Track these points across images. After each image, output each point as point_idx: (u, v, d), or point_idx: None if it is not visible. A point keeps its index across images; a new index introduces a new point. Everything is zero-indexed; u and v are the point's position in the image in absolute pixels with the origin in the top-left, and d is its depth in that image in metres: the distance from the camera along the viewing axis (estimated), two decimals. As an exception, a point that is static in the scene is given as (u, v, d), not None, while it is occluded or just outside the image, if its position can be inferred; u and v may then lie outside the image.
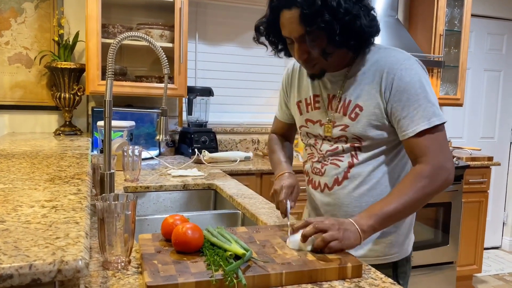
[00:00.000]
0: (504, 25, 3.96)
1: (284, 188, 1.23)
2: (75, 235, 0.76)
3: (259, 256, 0.97)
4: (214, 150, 2.73)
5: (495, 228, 4.08)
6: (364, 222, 1.05)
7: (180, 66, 2.57)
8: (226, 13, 3.09)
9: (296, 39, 1.10)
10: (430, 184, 1.09)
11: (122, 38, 1.42)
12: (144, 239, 1.07)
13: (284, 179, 1.28)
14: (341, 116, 1.20)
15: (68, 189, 1.12)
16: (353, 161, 1.21)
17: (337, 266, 0.94)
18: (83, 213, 0.90)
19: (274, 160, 1.46)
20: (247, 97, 3.20)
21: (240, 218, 1.61)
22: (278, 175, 1.34)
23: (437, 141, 1.10)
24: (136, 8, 2.76)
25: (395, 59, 1.13)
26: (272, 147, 1.52)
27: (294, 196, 1.24)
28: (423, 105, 1.10)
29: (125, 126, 2.25)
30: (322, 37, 1.08)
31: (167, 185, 1.94)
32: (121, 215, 0.94)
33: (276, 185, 1.27)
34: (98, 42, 2.41)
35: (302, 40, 1.10)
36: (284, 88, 1.42)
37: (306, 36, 1.08)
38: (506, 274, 3.52)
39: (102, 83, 2.44)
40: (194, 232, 0.99)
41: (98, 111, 2.55)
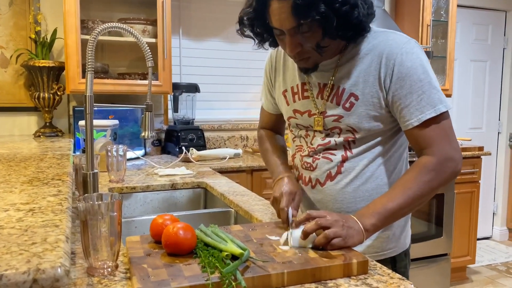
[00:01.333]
0: (489, 15, 3.95)
1: (285, 195, 1.12)
2: (53, 239, 0.68)
3: (257, 256, 0.90)
4: (202, 148, 2.65)
5: (486, 219, 4.08)
6: (367, 220, 0.98)
7: (164, 62, 2.48)
8: (210, 7, 3.00)
9: (288, 31, 1.01)
10: (436, 177, 1.02)
11: (102, 29, 1.34)
12: (132, 242, 0.99)
13: (283, 185, 1.16)
14: (334, 105, 1.11)
15: (48, 190, 1.03)
16: (347, 154, 1.13)
17: (342, 263, 0.88)
18: (63, 215, 0.82)
19: (270, 162, 1.34)
20: (234, 93, 3.13)
21: (233, 217, 1.54)
22: (276, 180, 1.22)
23: (443, 130, 1.03)
24: (116, 3, 2.66)
25: (394, 43, 1.04)
26: (264, 146, 1.40)
27: (296, 204, 1.13)
28: (427, 91, 1.02)
29: (108, 125, 2.16)
30: (316, 29, 0.99)
31: (155, 185, 1.86)
32: (105, 216, 0.86)
33: (276, 192, 1.16)
34: (77, 39, 2.31)
35: (294, 32, 1.00)
36: (268, 75, 1.31)
37: (299, 28, 0.99)
38: (498, 264, 3.51)
39: (83, 81, 2.33)
40: (186, 232, 0.91)
41: (80, 110, 2.44)
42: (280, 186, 1.16)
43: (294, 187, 1.15)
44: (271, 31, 1.08)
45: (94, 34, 1.32)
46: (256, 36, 1.12)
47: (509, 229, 4.13)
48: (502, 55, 4.07)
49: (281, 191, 1.14)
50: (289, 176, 1.20)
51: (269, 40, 1.12)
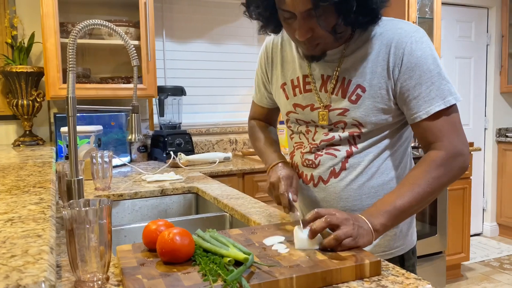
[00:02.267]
0: (472, 12, 3.97)
1: (282, 179, 1.06)
2: (36, 251, 0.60)
3: (261, 260, 0.83)
4: (190, 152, 2.57)
5: (476, 215, 4.08)
6: (376, 220, 0.92)
7: (148, 64, 2.40)
8: (194, 8, 2.93)
9: (301, 14, 0.93)
10: (446, 173, 0.97)
11: (84, 25, 1.26)
12: (124, 251, 0.90)
13: (279, 170, 1.10)
14: (339, 98, 1.04)
15: (28, 199, 0.94)
16: (352, 149, 1.06)
17: (354, 265, 0.81)
18: (46, 224, 0.73)
19: (261, 150, 1.28)
20: (221, 96, 3.05)
21: (228, 221, 1.47)
22: (271, 166, 1.16)
23: (452, 124, 0.98)
24: (96, 5, 2.56)
25: (403, 31, 0.98)
26: (255, 135, 1.33)
27: (295, 188, 1.06)
28: (436, 82, 0.96)
29: (92, 130, 2.06)
30: (331, 13, 0.91)
31: (143, 192, 1.77)
32: (94, 224, 0.78)
33: (272, 178, 1.09)
34: (56, 42, 2.22)
35: (307, 15, 0.93)
36: (264, 68, 1.23)
37: (314, 11, 0.91)
38: (491, 260, 3.50)
39: (64, 86, 2.24)
40: (183, 238, 0.83)
41: (61, 117, 2.34)
42: (275, 172, 1.10)
43: (290, 171, 1.10)
44: (276, 15, 1.00)
45: (75, 31, 1.24)
46: (260, 19, 1.03)
47: (499, 225, 4.14)
48: (486, 51, 4.10)
49: (277, 175, 1.08)
50: (284, 161, 1.15)
51: (272, 24, 1.04)
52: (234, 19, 3.05)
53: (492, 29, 4.07)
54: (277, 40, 1.18)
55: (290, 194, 1.03)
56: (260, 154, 1.29)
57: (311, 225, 0.88)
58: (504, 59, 4.07)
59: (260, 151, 1.29)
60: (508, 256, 3.58)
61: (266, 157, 1.23)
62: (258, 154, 1.31)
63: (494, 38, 4.07)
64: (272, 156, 1.20)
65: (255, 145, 1.33)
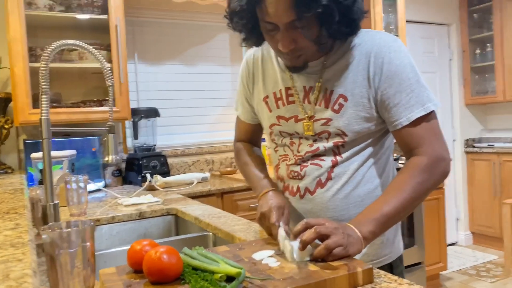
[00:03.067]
0: (434, 29, 4.15)
1: (274, 209, 1.03)
2: (19, 274, 0.56)
3: (253, 275, 0.81)
4: (166, 174, 2.52)
5: (450, 225, 4.16)
6: (365, 228, 0.92)
7: (121, 86, 2.37)
8: (165, 31, 2.94)
9: (284, 25, 0.94)
10: (429, 178, 0.98)
11: (58, 46, 1.23)
12: (107, 274, 0.86)
13: (270, 199, 1.08)
14: (323, 108, 1.05)
15: (3, 225, 0.89)
16: (337, 159, 1.07)
17: (347, 273, 0.80)
18: (26, 248, 0.69)
19: (250, 176, 1.24)
20: (196, 116, 3.04)
21: (211, 240, 1.43)
22: (261, 195, 1.13)
23: (433, 129, 1.00)
24: (65, 29, 2.53)
25: (382, 41, 1.01)
26: (243, 159, 1.30)
27: (286, 218, 1.04)
28: (416, 90, 0.99)
29: (65, 155, 2.00)
30: (314, 24, 0.93)
31: (121, 216, 1.72)
32: (77, 246, 0.74)
33: (263, 207, 1.06)
34: (25, 67, 2.16)
35: (291, 27, 0.93)
36: (245, 83, 1.23)
37: (297, 22, 0.92)
38: (468, 268, 3.56)
39: (34, 111, 2.17)
40: (170, 257, 0.81)
41: (31, 143, 2.26)
42: (266, 201, 1.07)
43: (281, 201, 1.07)
44: (257, 27, 1.00)
45: (48, 51, 1.21)
46: (246, 31, 1.03)
47: (472, 233, 4.23)
48: (449, 66, 4.26)
49: (269, 205, 1.05)
50: (274, 190, 1.12)
51: (254, 37, 1.04)
52: (206, 40, 3.06)
53: (453, 45, 4.25)
54: (258, 55, 1.19)
55: (282, 225, 1.00)
56: (249, 180, 1.26)
57: (301, 237, 0.86)
58: (467, 72, 4.25)
59: (248, 177, 1.26)
60: (483, 264, 3.65)
61: (256, 184, 1.20)
62: (246, 180, 1.28)
63: (456, 53, 4.24)
64: (262, 183, 1.17)
65: (243, 169, 1.30)
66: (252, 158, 1.28)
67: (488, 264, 3.64)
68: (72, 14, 2.35)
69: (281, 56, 1.05)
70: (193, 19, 3.00)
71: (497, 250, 3.95)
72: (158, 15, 2.89)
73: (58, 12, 2.34)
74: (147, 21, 2.87)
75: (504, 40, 3.93)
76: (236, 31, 1.04)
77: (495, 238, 3.99)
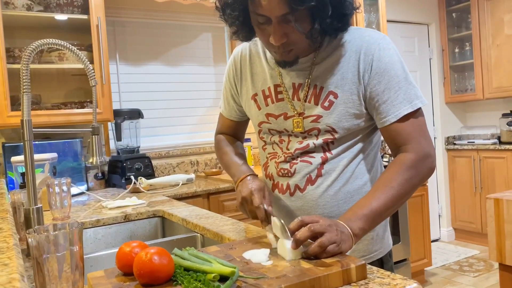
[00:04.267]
0: (414, 29, 4.21)
1: (255, 192, 1.02)
2: (5, 279, 0.54)
3: (247, 274, 0.80)
4: (150, 176, 2.49)
5: (433, 222, 4.22)
6: (354, 224, 0.92)
7: (103, 88, 2.33)
8: (147, 30, 2.90)
9: (277, 18, 0.93)
10: (416, 174, 0.99)
11: (38, 45, 1.20)
12: (96, 278, 0.84)
13: (250, 183, 1.06)
14: (313, 105, 1.05)
15: (-15, 229, 0.86)
16: (326, 155, 1.07)
17: (340, 270, 0.80)
18: (11, 253, 0.67)
19: (228, 163, 1.23)
20: (180, 117, 3.01)
21: (199, 241, 1.41)
22: (239, 180, 1.12)
23: (420, 126, 1.01)
24: (44, 30, 2.47)
25: (371, 39, 1.02)
26: (222, 149, 1.29)
27: (268, 200, 1.03)
28: (403, 87, 1.00)
29: (46, 158, 1.95)
30: (305, 18, 0.93)
31: (105, 219, 1.68)
32: (64, 249, 0.72)
33: (244, 192, 1.05)
34: (3, 68, 2.10)
35: (283, 20, 0.93)
36: (232, 80, 1.22)
37: (290, 15, 0.92)
38: (452, 263, 3.62)
39: (13, 114, 2.12)
40: (161, 258, 0.79)
41: (10, 147, 2.20)
42: (246, 185, 1.06)
43: (260, 183, 1.07)
44: (248, 21, 0.99)
45: (29, 51, 1.17)
46: (238, 23, 1.02)
47: (454, 229, 4.30)
48: (429, 64, 4.33)
49: (249, 189, 1.04)
50: (252, 175, 1.11)
51: (246, 30, 1.03)
52: (188, 40, 3.04)
53: (433, 44, 4.31)
54: (245, 53, 1.18)
55: (265, 206, 0.99)
56: (227, 168, 1.25)
57: (295, 235, 0.86)
58: (446, 71, 4.32)
59: (226, 164, 1.25)
60: (466, 259, 3.71)
61: (234, 170, 1.19)
62: (225, 168, 1.27)
63: (435, 52, 4.31)
64: (240, 169, 1.16)
65: (222, 158, 1.29)
66: (231, 147, 1.27)
67: (470, 259, 3.70)
68: (51, 14, 2.30)
69: (271, 51, 1.05)
70: (175, 19, 2.97)
71: (478, 245, 4.03)
72: (139, 15, 2.85)
73: (36, 12, 2.29)
74: (129, 21, 2.83)
75: (482, 38, 4.01)
76: (227, 24, 1.04)
77: (476, 234, 4.07)
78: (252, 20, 0.99)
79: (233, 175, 1.20)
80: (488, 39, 3.97)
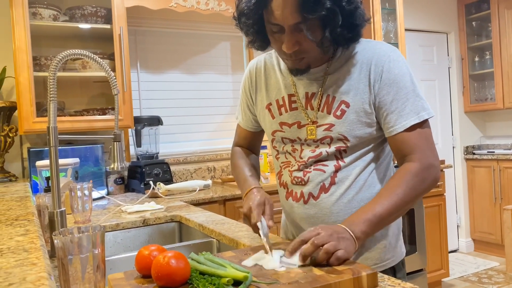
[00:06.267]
0: (433, 37, 4.19)
1: (254, 209, 1.06)
2: (35, 278, 0.58)
3: (260, 279, 0.82)
4: (169, 182, 2.54)
5: (451, 232, 4.17)
6: (357, 228, 0.95)
7: (124, 95, 2.39)
8: (167, 39, 2.97)
9: (289, 27, 0.98)
10: (420, 184, 1.02)
11: (65, 55, 1.25)
12: (116, 279, 0.88)
13: (251, 198, 1.10)
14: (325, 114, 1.08)
15: (14, 231, 0.91)
16: (339, 164, 1.10)
17: (352, 277, 0.82)
18: (39, 253, 0.71)
19: (238, 178, 1.28)
20: (198, 124, 3.06)
21: (215, 247, 1.45)
22: (244, 195, 1.17)
23: (425, 137, 1.04)
24: (69, 39, 2.56)
25: (381, 51, 1.06)
26: (235, 162, 1.33)
27: (269, 213, 1.07)
28: (411, 98, 1.03)
29: (69, 163, 2.02)
30: (317, 27, 0.97)
31: (125, 223, 1.73)
32: (88, 251, 0.76)
33: (245, 208, 1.10)
34: (29, 76, 2.19)
35: (295, 29, 0.98)
36: (248, 92, 1.26)
37: (302, 24, 0.96)
38: (470, 275, 3.56)
39: (38, 120, 2.20)
40: (178, 261, 0.82)
41: (35, 151, 2.28)
42: (247, 201, 1.11)
43: (262, 197, 1.10)
44: (263, 30, 1.04)
45: (56, 61, 1.23)
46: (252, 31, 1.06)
47: (474, 240, 4.23)
48: (448, 73, 4.30)
49: (248, 205, 1.08)
50: (257, 187, 1.15)
51: (260, 39, 1.07)
52: (207, 49, 3.10)
53: (452, 53, 4.29)
54: (260, 65, 1.23)
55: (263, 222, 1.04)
56: (237, 181, 1.29)
57: (301, 251, 0.89)
58: (465, 80, 4.28)
59: (237, 178, 1.30)
60: (485, 271, 3.65)
61: (242, 184, 1.24)
62: (236, 181, 1.31)
63: (454, 60, 4.28)
64: (247, 183, 1.20)
65: (234, 171, 1.33)
66: (244, 160, 1.31)
67: (489, 271, 3.64)
68: (76, 24, 2.38)
69: (284, 58, 1.09)
70: (195, 29, 3.03)
71: (498, 257, 3.96)
72: (160, 25, 2.93)
73: (62, 22, 2.37)
74: (149, 31, 2.91)
75: (502, 47, 3.97)
76: (243, 32, 1.09)
77: (496, 245, 4.00)
78: (266, 29, 1.04)
79: (241, 188, 1.24)
80: (509, 48, 3.92)
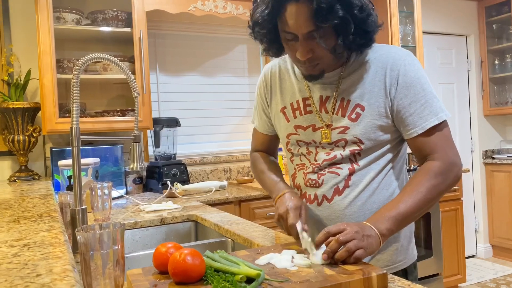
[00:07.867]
0: (451, 40, 4.15)
1: (291, 210, 1.07)
2: (60, 269, 0.62)
3: (272, 277, 0.85)
4: (186, 182, 2.59)
5: (469, 237, 4.11)
6: (382, 226, 0.97)
7: (143, 97, 2.45)
8: (186, 42, 3.03)
9: (303, 35, 1.00)
10: (443, 182, 1.04)
11: (88, 59, 1.30)
12: (134, 275, 0.92)
13: (287, 201, 1.11)
14: (340, 117, 1.10)
15: (39, 227, 0.96)
16: (354, 167, 1.11)
17: (362, 278, 0.84)
18: (63, 247, 0.75)
19: (266, 182, 1.29)
20: (215, 126, 3.11)
21: (230, 246, 1.48)
22: (277, 197, 1.17)
23: (445, 137, 1.06)
24: (90, 42, 2.63)
25: (396, 55, 1.08)
26: (259, 167, 1.35)
27: (304, 218, 1.08)
28: (429, 100, 1.05)
29: (90, 163, 2.08)
30: (330, 35, 1.00)
31: (143, 221, 1.78)
32: (108, 247, 0.80)
33: (280, 209, 1.09)
34: (53, 78, 2.26)
35: (309, 37, 1.00)
36: (263, 95, 1.29)
37: (315, 33, 0.99)
38: (488, 281, 3.51)
39: (61, 120, 2.27)
40: (194, 258, 0.86)
41: (57, 151, 2.35)
42: (283, 203, 1.11)
43: (298, 201, 1.11)
44: (278, 38, 1.07)
45: (79, 64, 1.28)
46: (266, 40, 1.09)
47: (492, 246, 4.17)
48: (467, 77, 4.25)
49: (285, 207, 1.09)
50: (290, 191, 1.16)
51: (275, 47, 1.10)
52: (225, 52, 3.14)
53: (471, 56, 4.24)
54: (275, 69, 1.26)
55: (300, 224, 1.04)
56: (265, 185, 1.30)
57: (326, 249, 0.91)
58: (485, 83, 4.23)
59: (264, 182, 1.31)
60: (503, 277, 3.59)
61: (272, 187, 1.25)
62: (262, 185, 1.32)
63: (474, 64, 4.23)
64: (278, 186, 1.22)
65: (259, 177, 1.34)
66: (268, 165, 1.33)
67: (508, 277, 3.59)
68: (98, 28, 2.45)
69: (298, 65, 1.11)
70: (212, 32, 3.08)
71: (517, 263, 3.89)
72: (179, 28, 2.98)
73: (84, 26, 2.45)
74: (169, 34, 2.97)
75: (523, 51, 3.91)
76: (257, 40, 1.12)
77: (515, 251, 3.93)
78: (281, 37, 1.06)
79: (271, 192, 1.25)
80: (530, 51, 3.86)
